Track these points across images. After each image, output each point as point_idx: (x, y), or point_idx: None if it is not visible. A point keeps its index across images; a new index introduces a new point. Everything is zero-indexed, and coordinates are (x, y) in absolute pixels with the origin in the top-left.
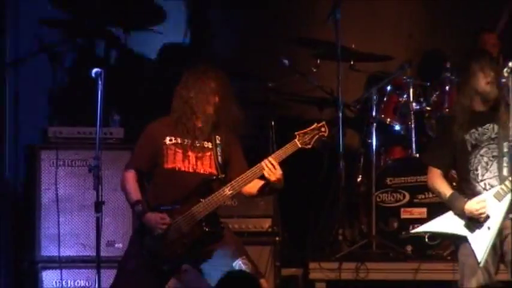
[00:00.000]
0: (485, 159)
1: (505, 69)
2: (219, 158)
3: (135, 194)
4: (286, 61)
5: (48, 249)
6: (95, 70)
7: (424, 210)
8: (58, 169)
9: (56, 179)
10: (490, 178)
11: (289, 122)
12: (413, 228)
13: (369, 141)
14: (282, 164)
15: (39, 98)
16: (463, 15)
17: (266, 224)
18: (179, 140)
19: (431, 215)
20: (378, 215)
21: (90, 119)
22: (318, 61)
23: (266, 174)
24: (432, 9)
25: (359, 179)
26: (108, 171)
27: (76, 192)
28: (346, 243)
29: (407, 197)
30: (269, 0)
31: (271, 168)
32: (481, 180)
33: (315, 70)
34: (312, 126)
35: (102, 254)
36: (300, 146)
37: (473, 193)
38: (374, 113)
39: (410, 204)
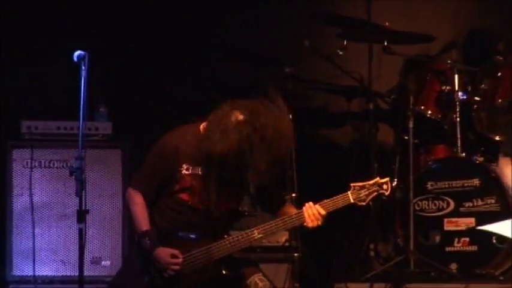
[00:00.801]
0: None
1: None
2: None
3: (144, 222)
4: (307, 42)
5: (20, 268)
6: (77, 53)
7: (472, 220)
8: (33, 171)
9: (30, 183)
10: None
11: (310, 114)
12: (458, 242)
13: (406, 138)
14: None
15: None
16: None
17: (283, 237)
18: (198, 171)
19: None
20: (417, 227)
21: (72, 112)
22: (345, 42)
23: (307, 224)
24: None
25: (394, 184)
26: (92, 173)
27: (54, 199)
28: (378, 260)
29: (452, 205)
30: None
31: (313, 219)
32: None
33: (341, 53)
34: (372, 181)
35: (86, 273)
36: (352, 201)
37: None
38: (412, 105)
39: (456, 213)
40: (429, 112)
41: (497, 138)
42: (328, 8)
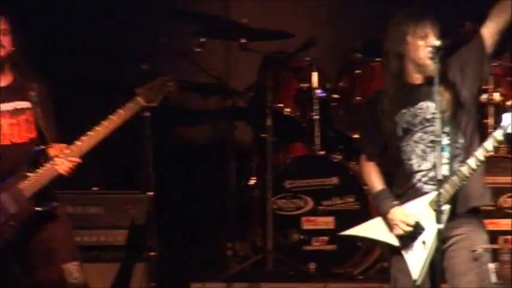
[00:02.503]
0: (422, 146)
1: (429, 49)
2: (40, 120)
3: None
4: (163, 39)
5: None
6: None
7: (331, 219)
8: None
9: None
10: (428, 169)
11: (167, 112)
12: (317, 241)
13: (264, 136)
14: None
15: None
16: None
17: (139, 236)
18: None
19: (340, 226)
20: (275, 226)
21: None
22: (202, 39)
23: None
24: None
25: (252, 182)
26: None
27: None
28: (236, 259)
29: (311, 203)
30: None
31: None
32: (418, 171)
33: (198, 50)
34: (157, 81)
35: None
36: (144, 104)
37: (406, 186)
38: (270, 102)
39: (314, 212)
40: (287, 110)
41: (355, 136)
42: (185, 5)
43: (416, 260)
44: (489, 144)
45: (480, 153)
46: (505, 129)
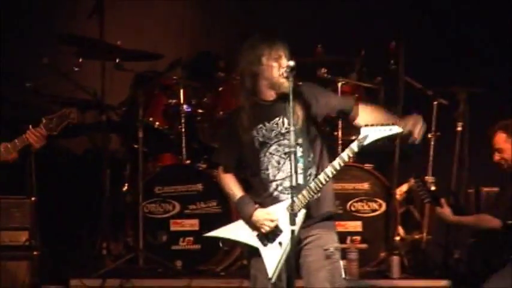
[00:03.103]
0: (276, 158)
1: (283, 69)
2: None
3: None
4: (45, 59)
5: None
6: None
7: (196, 221)
8: None
9: None
10: (283, 179)
11: None
12: (183, 241)
13: (136, 147)
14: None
15: None
16: (231, 18)
17: (23, 237)
18: None
19: (205, 227)
20: (146, 227)
21: None
22: (80, 60)
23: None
24: (205, 8)
25: (125, 188)
26: None
27: None
28: (110, 258)
29: (178, 207)
30: None
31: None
32: (273, 181)
33: (77, 69)
34: (60, 112)
35: None
36: (46, 132)
37: (264, 195)
38: (141, 116)
39: (181, 215)
40: (157, 123)
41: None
42: (66, 29)
43: (273, 259)
44: (345, 155)
45: (337, 163)
46: (362, 142)
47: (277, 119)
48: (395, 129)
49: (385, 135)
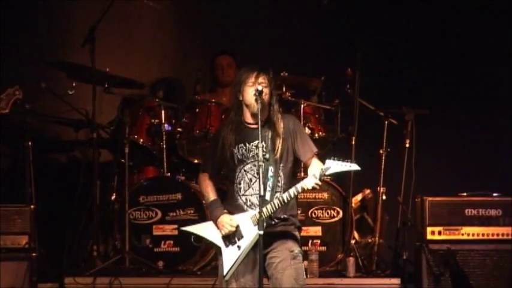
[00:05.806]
0: (249, 175)
1: (252, 93)
2: None
3: None
4: (43, 84)
5: None
6: None
7: (176, 227)
8: None
9: None
10: (251, 195)
11: (45, 143)
12: (164, 244)
13: (123, 161)
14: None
15: None
16: (206, 42)
17: (23, 240)
18: None
19: (183, 232)
20: (131, 232)
21: None
22: (74, 84)
23: None
24: (183, 34)
25: (113, 197)
26: None
27: None
28: (100, 258)
29: (160, 214)
30: (24, 22)
31: None
32: (243, 195)
33: (71, 93)
34: (6, 92)
35: None
36: None
37: (234, 205)
38: (127, 134)
39: (162, 221)
40: (141, 140)
41: (195, 161)
42: (61, 56)
43: (230, 260)
44: (308, 182)
45: (299, 186)
46: (324, 171)
47: (257, 142)
48: (355, 167)
49: (344, 170)
